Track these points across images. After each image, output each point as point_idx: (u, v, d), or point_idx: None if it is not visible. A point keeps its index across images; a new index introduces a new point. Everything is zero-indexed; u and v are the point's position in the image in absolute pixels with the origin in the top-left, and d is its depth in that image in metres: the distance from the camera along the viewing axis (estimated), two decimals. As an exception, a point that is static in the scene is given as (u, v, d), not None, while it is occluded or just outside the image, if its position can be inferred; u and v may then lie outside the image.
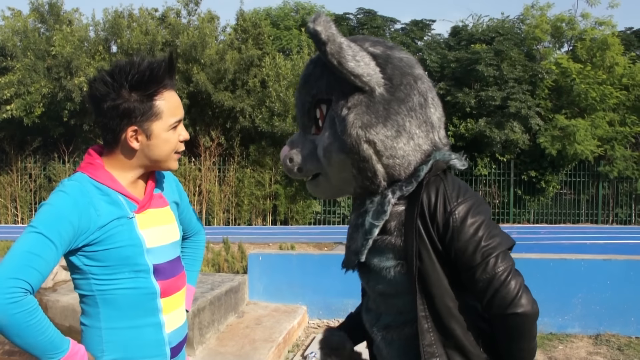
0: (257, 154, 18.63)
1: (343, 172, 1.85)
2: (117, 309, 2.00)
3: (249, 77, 18.39)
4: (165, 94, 2.00)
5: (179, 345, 2.18)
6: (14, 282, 1.74)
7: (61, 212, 1.87)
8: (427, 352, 1.80)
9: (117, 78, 1.95)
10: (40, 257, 1.80)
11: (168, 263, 2.11)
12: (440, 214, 1.77)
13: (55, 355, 1.84)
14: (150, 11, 19.38)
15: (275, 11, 24.76)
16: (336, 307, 7.17)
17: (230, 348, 5.68)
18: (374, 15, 20.29)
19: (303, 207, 18.41)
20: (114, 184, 2.00)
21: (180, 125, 2.06)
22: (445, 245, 1.77)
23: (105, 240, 1.94)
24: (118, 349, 2.02)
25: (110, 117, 1.96)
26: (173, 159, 2.08)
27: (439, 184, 1.82)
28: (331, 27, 1.71)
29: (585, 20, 20.99)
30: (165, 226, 2.14)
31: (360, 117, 1.76)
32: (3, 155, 18.86)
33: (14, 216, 18.64)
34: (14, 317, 1.73)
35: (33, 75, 17.19)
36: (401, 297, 1.88)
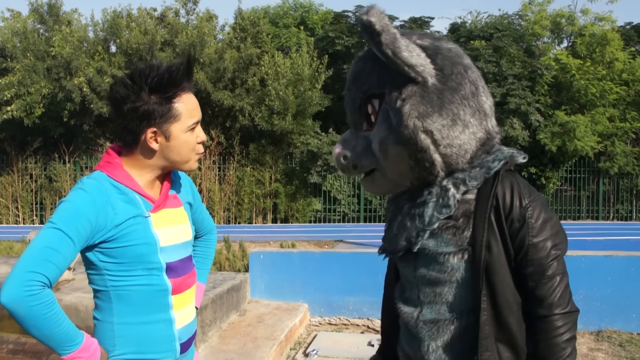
0: (257, 152, 18.65)
1: (400, 165, 1.85)
2: (130, 304, 2.06)
3: (248, 75, 18.40)
4: (184, 96, 2.05)
5: (188, 341, 2.23)
6: (33, 276, 1.80)
7: (79, 209, 1.92)
8: (483, 345, 1.81)
9: (137, 81, 2.00)
10: (58, 252, 1.86)
11: (180, 261, 2.16)
12: (517, 208, 1.80)
13: (70, 347, 1.89)
14: (148, 11, 19.38)
15: (274, 9, 24.74)
16: (337, 305, 7.19)
17: (232, 346, 5.69)
18: (373, 13, 20.23)
19: (303, 205, 18.42)
20: (131, 183, 2.06)
21: (198, 126, 2.11)
22: (515, 239, 1.81)
23: (121, 238, 2.00)
24: (130, 343, 2.07)
25: (130, 118, 2.02)
26: (192, 160, 2.13)
27: (512, 179, 1.85)
28: (385, 17, 1.71)
29: (585, 16, 21.02)
30: (178, 226, 2.18)
31: (416, 107, 1.77)
32: (4, 156, 18.88)
33: (15, 216, 18.65)
34: (32, 310, 1.79)
35: (33, 76, 17.20)
36: (453, 286, 1.88)
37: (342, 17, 21.14)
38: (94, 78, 16.88)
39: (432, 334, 1.92)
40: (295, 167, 18.59)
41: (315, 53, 18.68)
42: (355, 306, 7.13)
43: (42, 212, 18.80)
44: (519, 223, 1.79)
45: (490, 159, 1.86)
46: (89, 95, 16.87)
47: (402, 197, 2.01)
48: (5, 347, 5.50)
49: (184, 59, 2.06)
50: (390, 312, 2.21)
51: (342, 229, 16.10)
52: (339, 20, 21.08)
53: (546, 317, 1.80)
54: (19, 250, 9.66)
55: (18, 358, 5.34)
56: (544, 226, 1.80)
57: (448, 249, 1.85)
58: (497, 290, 1.81)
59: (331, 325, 7.18)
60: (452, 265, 1.85)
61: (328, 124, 18.94)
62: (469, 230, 1.84)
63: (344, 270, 7.24)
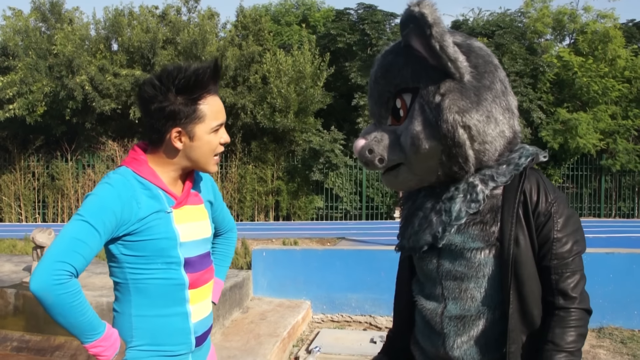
0: (259, 150, 18.67)
1: (430, 160, 1.86)
2: (148, 297, 2.12)
3: (250, 73, 18.41)
4: (209, 98, 2.10)
5: (203, 335, 2.28)
6: (61, 265, 1.88)
7: (105, 203, 1.99)
8: (511, 337, 1.84)
9: (165, 82, 2.05)
10: (85, 243, 1.93)
11: (198, 257, 2.21)
12: (543, 203, 1.85)
13: (92, 336, 1.96)
14: (150, 9, 19.42)
15: (276, 7, 24.74)
16: (340, 302, 7.20)
17: (235, 343, 5.71)
18: (375, 10, 20.22)
19: (305, 202, 18.45)
20: (155, 179, 2.12)
21: (221, 128, 2.17)
22: (540, 232, 1.85)
23: (144, 232, 2.06)
24: (146, 335, 2.13)
25: (156, 118, 2.08)
26: (212, 162, 2.19)
27: (537, 176, 1.90)
28: (436, 10, 1.72)
29: (587, 13, 21.00)
30: (198, 222, 2.24)
31: (456, 102, 1.78)
32: (6, 154, 18.91)
33: (17, 214, 18.68)
34: (59, 298, 1.87)
35: (35, 74, 17.22)
36: (479, 281, 1.90)
37: (343, 15, 21.13)
38: (95, 76, 16.90)
39: (458, 329, 1.93)
40: (297, 164, 18.60)
41: (317, 51, 18.68)
42: (358, 303, 7.15)
43: (45, 210, 18.83)
44: (544, 217, 1.84)
45: (516, 156, 1.91)
46: (91, 94, 16.89)
47: (419, 195, 2.03)
48: (10, 344, 5.53)
49: (211, 63, 2.11)
50: (403, 311, 2.21)
51: (344, 227, 16.11)
52: (340, 18, 21.06)
53: (567, 308, 1.85)
54: (21, 249, 9.67)
55: (22, 355, 5.36)
56: (567, 222, 1.86)
57: (475, 245, 1.88)
58: (524, 283, 1.85)
59: (333, 323, 7.19)
60: (480, 260, 1.88)
61: (330, 121, 18.95)
62: (496, 226, 1.87)
63: (346, 267, 7.25)
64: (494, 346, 1.89)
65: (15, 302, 5.73)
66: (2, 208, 18.66)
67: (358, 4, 20.64)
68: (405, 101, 1.91)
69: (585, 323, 1.89)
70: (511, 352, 1.85)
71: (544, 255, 1.85)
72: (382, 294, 6.90)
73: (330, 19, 22.23)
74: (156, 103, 2.05)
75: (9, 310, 5.76)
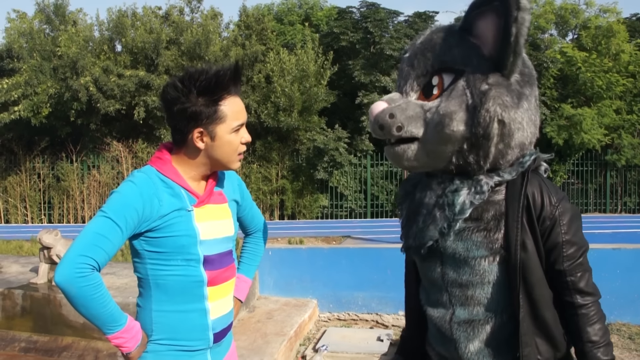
0: (264, 149, 18.68)
1: (449, 144, 1.85)
2: (167, 293, 2.18)
3: (253, 72, 18.42)
4: (230, 99, 2.15)
5: (222, 332, 2.32)
6: (83, 259, 1.97)
7: (128, 200, 2.07)
8: (523, 341, 1.86)
9: (187, 84, 2.10)
10: (107, 238, 2.02)
11: (218, 255, 2.26)
12: (547, 206, 1.86)
13: (114, 327, 2.06)
14: (153, 9, 19.45)
15: (278, 6, 24.75)
16: (346, 300, 7.20)
17: (242, 342, 5.71)
18: (377, 8, 20.20)
19: (310, 201, 18.44)
20: (178, 178, 2.19)
21: (242, 128, 2.21)
22: (547, 237, 1.87)
23: (165, 229, 2.13)
24: (165, 330, 2.20)
25: (179, 119, 2.14)
26: (235, 160, 2.23)
27: (539, 179, 1.91)
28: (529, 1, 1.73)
29: (589, 8, 20.95)
30: (220, 221, 2.29)
31: (501, 96, 1.79)
32: (12, 156, 18.95)
33: (23, 216, 18.72)
34: (82, 290, 1.96)
35: (39, 76, 17.26)
36: (485, 288, 1.91)
37: (346, 13, 21.11)
38: (100, 77, 16.92)
39: (468, 334, 1.95)
40: (302, 163, 18.60)
41: (320, 49, 18.67)
42: (364, 301, 7.15)
43: (50, 211, 18.87)
44: (550, 221, 1.85)
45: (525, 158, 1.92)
46: (96, 95, 16.92)
47: (417, 193, 2.02)
48: (18, 345, 5.55)
49: (232, 65, 2.16)
50: (414, 310, 2.23)
51: (349, 225, 16.11)
52: (343, 16, 21.04)
53: (586, 305, 1.90)
54: (28, 250, 9.70)
55: (30, 356, 5.38)
56: (572, 223, 1.88)
57: (480, 253, 1.89)
58: (534, 287, 1.87)
59: (340, 321, 7.19)
60: (484, 268, 1.89)
61: (334, 120, 18.94)
62: (500, 232, 1.87)
63: (352, 265, 7.25)
64: (505, 348, 1.92)
65: (22, 303, 5.75)
66: (8, 209, 18.71)
67: (361, 2, 20.62)
68: (443, 80, 1.89)
69: (601, 310, 1.95)
70: (525, 356, 1.87)
71: (555, 259, 1.88)
72: (388, 292, 6.90)
73: (333, 18, 22.22)
74: (178, 104, 2.10)
75: (16, 311, 5.78)
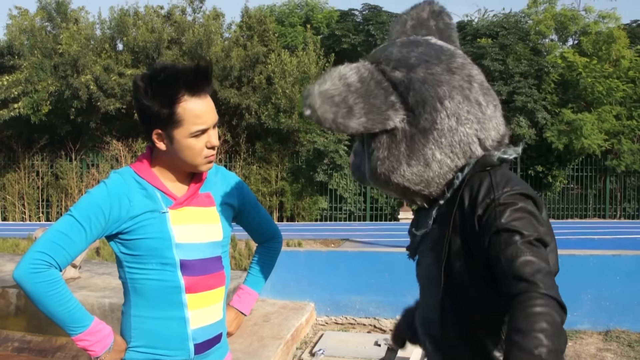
0: (263, 150, 18.67)
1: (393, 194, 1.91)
2: (144, 298, 2.11)
3: (254, 74, 18.41)
4: (189, 101, 2.01)
5: (206, 343, 2.20)
6: (40, 255, 1.94)
7: (95, 200, 2.03)
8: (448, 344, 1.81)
9: (146, 81, 2.00)
10: (68, 236, 1.98)
11: (200, 261, 2.14)
12: (481, 201, 1.66)
13: (76, 328, 1.99)
14: (155, 9, 19.47)
15: (280, 8, 24.75)
16: (344, 304, 7.17)
17: (238, 345, 5.68)
18: (379, 11, 20.22)
19: (309, 203, 18.43)
20: (153, 179, 2.11)
21: (208, 132, 2.07)
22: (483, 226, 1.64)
23: (136, 230, 2.06)
24: (143, 336, 2.12)
25: (141, 118, 2.09)
26: (201, 163, 2.10)
27: (482, 177, 1.72)
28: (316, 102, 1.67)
29: (588, 14, 20.94)
30: (203, 225, 2.17)
31: (382, 162, 1.76)
32: (10, 153, 18.94)
33: (21, 213, 18.71)
34: (36, 286, 1.93)
35: (40, 73, 17.27)
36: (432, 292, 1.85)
37: (348, 16, 21.13)
38: (100, 76, 16.93)
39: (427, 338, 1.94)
40: (302, 165, 18.59)
41: (321, 51, 18.66)
42: (362, 305, 7.11)
43: (49, 210, 18.86)
44: (486, 212, 1.64)
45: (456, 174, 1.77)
46: (96, 93, 16.92)
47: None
48: (11, 345, 5.51)
49: (195, 64, 2.05)
50: None
51: (348, 228, 16.09)
52: (345, 19, 21.05)
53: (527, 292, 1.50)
54: (24, 248, 9.68)
55: (23, 356, 5.35)
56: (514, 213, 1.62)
57: (427, 259, 1.86)
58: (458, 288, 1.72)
59: (337, 325, 7.16)
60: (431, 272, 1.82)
61: (334, 122, 18.92)
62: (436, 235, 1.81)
63: (350, 269, 7.22)
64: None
65: (17, 302, 5.72)
66: (6, 207, 18.70)
67: (363, 5, 20.65)
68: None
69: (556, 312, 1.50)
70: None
71: (491, 247, 1.61)
72: (386, 296, 6.86)
73: (333, 20, 22.22)
74: (139, 103, 2.03)
75: (10, 310, 5.74)
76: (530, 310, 1.47)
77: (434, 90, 1.73)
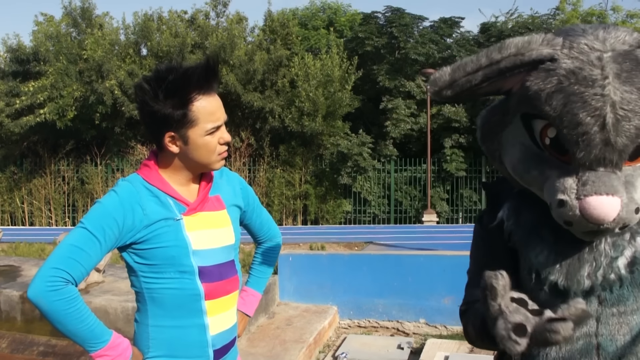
0: (287, 154, 18.68)
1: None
2: (163, 307, 2.06)
3: (277, 77, 18.44)
4: (202, 100, 1.97)
5: (223, 348, 2.19)
6: (55, 272, 1.86)
7: (107, 210, 1.96)
8: None
9: (154, 85, 1.95)
10: (83, 250, 1.90)
11: (216, 266, 2.11)
12: None
13: (96, 344, 1.92)
14: (179, 13, 19.59)
15: (302, 11, 24.79)
16: (367, 307, 7.13)
17: (260, 349, 5.67)
18: (402, 13, 20.15)
19: (333, 206, 18.40)
20: (164, 186, 2.05)
21: (221, 128, 2.04)
22: None
23: (152, 240, 2.00)
24: (162, 346, 2.07)
25: (149, 123, 2.02)
26: (215, 161, 2.07)
27: None
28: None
29: (616, 14, 20.71)
30: (217, 229, 2.14)
31: None
32: (37, 159, 19.15)
33: (48, 218, 18.90)
34: (54, 304, 1.84)
35: (65, 79, 17.46)
36: None
37: (371, 18, 21.09)
38: (125, 81, 17.06)
39: None
40: (325, 168, 18.58)
41: (345, 54, 18.65)
42: (385, 309, 7.07)
43: (75, 214, 19.02)
44: None
45: None
46: (120, 98, 17.06)
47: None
48: (36, 349, 5.54)
49: (203, 61, 2.01)
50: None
51: (372, 231, 16.03)
52: (368, 21, 21.02)
53: None
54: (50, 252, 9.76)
55: (48, 360, 5.37)
56: None
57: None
58: None
59: (360, 328, 7.12)
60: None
61: (358, 125, 18.91)
62: None
63: (373, 272, 7.18)
64: None
65: (42, 307, 5.75)
66: (33, 212, 18.90)
67: (385, 7, 20.59)
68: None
69: None
70: None
71: None
72: (409, 299, 6.81)
73: (356, 23, 22.21)
74: (147, 107, 1.97)
75: (35, 314, 5.78)
76: None
77: None
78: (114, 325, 1.98)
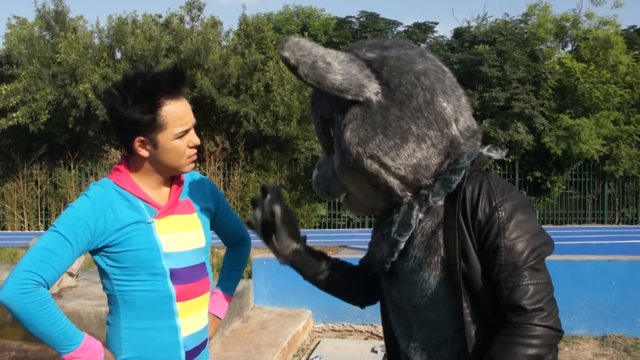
0: (262, 158, 18.67)
1: (363, 189, 1.73)
2: (135, 309, 2.09)
3: (252, 81, 18.43)
4: (170, 104, 2.03)
5: (195, 350, 2.24)
6: (27, 275, 1.90)
7: (79, 214, 2.00)
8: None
9: (122, 90, 2.00)
10: (55, 253, 1.94)
11: (188, 269, 2.16)
12: (486, 207, 1.61)
13: (68, 347, 1.96)
14: (153, 17, 19.48)
15: (277, 16, 24.80)
16: (341, 311, 7.16)
17: (235, 353, 5.68)
18: (377, 18, 20.30)
19: (308, 210, 18.42)
20: (135, 190, 2.10)
21: (188, 133, 2.10)
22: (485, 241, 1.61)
23: (123, 243, 2.04)
24: (135, 348, 2.11)
25: (119, 128, 2.07)
26: (185, 164, 2.13)
27: (481, 178, 1.67)
28: (300, 48, 1.62)
29: (589, 20, 21.01)
30: (188, 232, 2.19)
31: (356, 132, 1.65)
32: (9, 162, 18.93)
33: (20, 223, 18.69)
34: (26, 307, 1.88)
35: (38, 82, 17.28)
36: (434, 309, 1.72)
37: (346, 23, 21.20)
38: (99, 84, 16.94)
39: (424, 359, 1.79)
40: (300, 172, 18.60)
41: (319, 59, 18.68)
42: (359, 312, 7.10)
43: (47, 219, 18.82)
44: (488, 224, 1.60)
45: (448, 170, 1.69)
46: (94, 102, 16.93)
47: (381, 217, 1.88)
48: (8, 354, 5.51)
49: (171, 67, 2.07)
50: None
51: (347, 235, 16.09)
52: (342, 26, 21.10)
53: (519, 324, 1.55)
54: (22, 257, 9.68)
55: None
56: (519, 226, 1.60)
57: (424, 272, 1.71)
58: (480, 298, 1.64)
59: (334, 332, 7.16)
60: (431, 286, 1.70)
61: (333, 129, 18.94)
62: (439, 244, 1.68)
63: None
64: None
65: (14, 312, 5.70)
66: (5, 216, 18.68)
67: (360, 12, 20.75)
68: (332, 132, 1.78)
69: (546, 343, 1.54)
70: None
71: (491, 267, 1.60)
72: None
73: (330, 27, 22.26)
74: (116, 113, 2.02)
75: (7, 319, 5.73)
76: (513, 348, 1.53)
77: (409, 66, 1.70)
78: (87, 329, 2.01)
